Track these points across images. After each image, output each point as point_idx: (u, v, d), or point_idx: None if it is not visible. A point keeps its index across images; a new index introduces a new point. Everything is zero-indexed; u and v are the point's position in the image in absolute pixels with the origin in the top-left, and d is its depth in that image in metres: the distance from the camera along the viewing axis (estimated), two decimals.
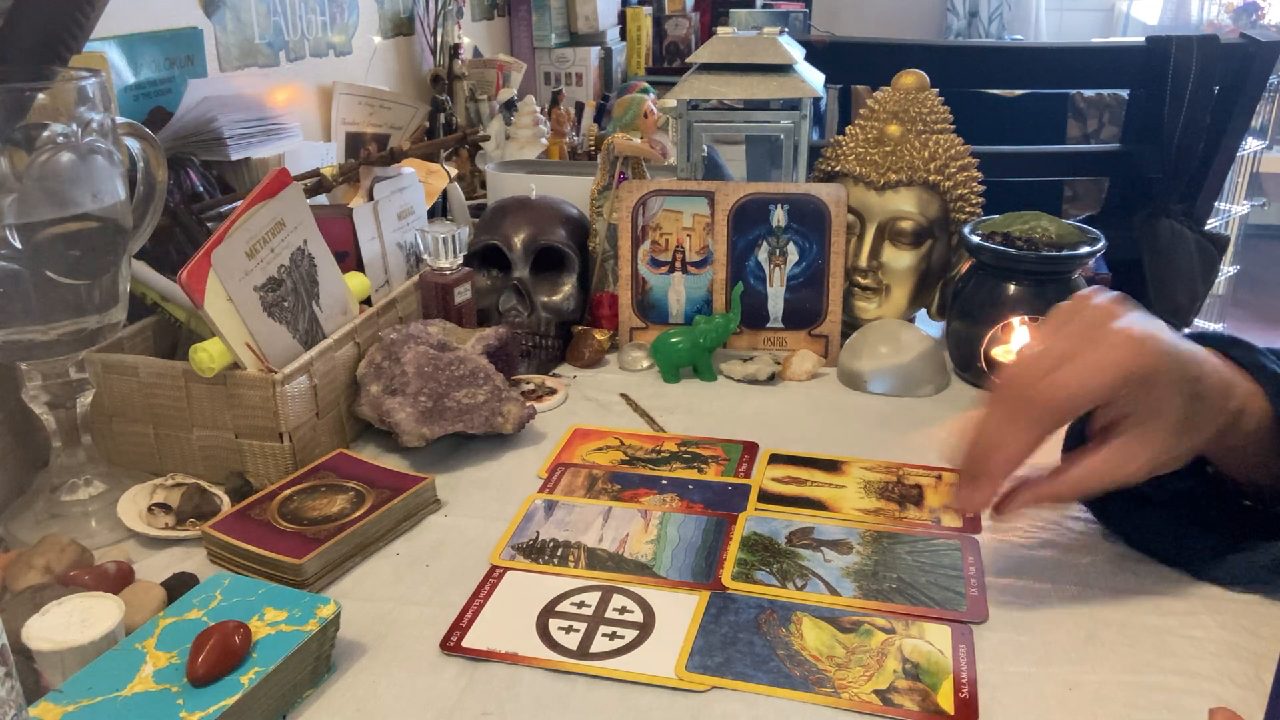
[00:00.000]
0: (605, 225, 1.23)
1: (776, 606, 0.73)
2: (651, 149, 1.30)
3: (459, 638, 0.71)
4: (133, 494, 0.86)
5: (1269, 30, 4.23)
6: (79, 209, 0.77)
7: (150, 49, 1.15)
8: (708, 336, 1.13)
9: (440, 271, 1.11)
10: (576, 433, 1.02)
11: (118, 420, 0.93)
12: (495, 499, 0.90)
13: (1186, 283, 1.84)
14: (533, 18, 2.36)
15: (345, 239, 1.11)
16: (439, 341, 0.99)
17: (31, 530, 0.84)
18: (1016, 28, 4.48)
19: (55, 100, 0.75)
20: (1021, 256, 1.05)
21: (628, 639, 0.70)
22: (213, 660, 0.60)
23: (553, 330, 1.18)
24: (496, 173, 1.45)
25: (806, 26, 3.08)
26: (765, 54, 1.17)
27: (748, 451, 0.97)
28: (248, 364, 0.89)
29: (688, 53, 2.71)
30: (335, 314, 1.00)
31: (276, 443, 0.89)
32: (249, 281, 0.90)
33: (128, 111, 1.09)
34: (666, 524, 0.84)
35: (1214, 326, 2.78)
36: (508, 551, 0.81)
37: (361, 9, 1.64)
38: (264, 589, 0.69)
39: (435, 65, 1.82)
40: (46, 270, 0.76)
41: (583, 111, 1.98)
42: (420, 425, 0.92)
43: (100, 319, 0.82)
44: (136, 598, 0.70)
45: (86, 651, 0.62)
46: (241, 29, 1.33)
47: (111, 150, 0.78)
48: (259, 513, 0.82)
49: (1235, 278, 2.83)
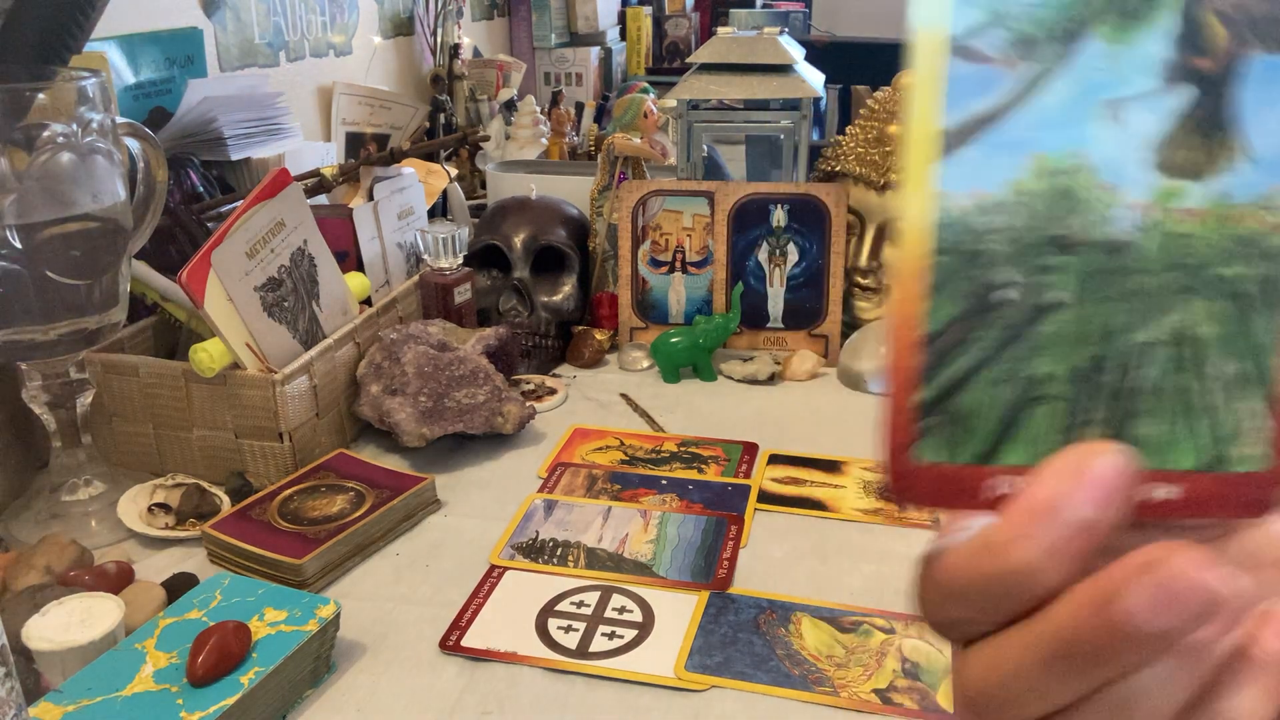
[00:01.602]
0: (605, 225, 1.23)
1: (776, 606, 0.73)
2: (651, 149, 1.30)
3: (459, 637, 0.71)
4: (133, 494, 0.86)
5: None
6: (79, 209, 0.77)
7: (150, 49, 1.15)
8: (708, 336, 1.13)
9: (440, 271, 1.11)
10: (576, 433, 1.02)
11: (118, 420, 0.93)
12: (495, 499, 0.90)
13: None
14: (533, 18, 2.36)
15: (345, 239, 1.11)
16: (439, 341, 0.99)
17: (31, 530, 0.84)
18: None
19: (55, 100, 0.75)
20: None
21: (627, 639, 0.71)
22: (213, 660, 0.60)
23: (553, 330, 1.18)
24: (496, 173, 1.45)
25: (806, 26, 3.08)
26: (765, 54, 1.17)
27: (748, 451, 0.97)
28: (248, 364, 0.89)
29: (688, 53, 2.71)
30: (335, 314, 1.00)
31: (276, 443, 0.89)
32: (249, 281, 0.90)
33: (128, 111, 1.09)
34: (666, 524, 0.84)
35: None
36: (507, 551, 0.81)
37: (361, 9, 1.64)
38: (264, 589, 0.69)
39: (435, 65, 1.82)
40: (46, 270, 0.76)
41: (583, 111, 1.98)
42: (420, 425, 0.92)
43: (100, 319, 0.82)
44: (136, 598, 0.70)
45: (86, 651, 0.63)
46: (241, 29, 1.33)
47: (111, 150, 0.78)
48: (259, 513, 0.82)
49: None
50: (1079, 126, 0.22)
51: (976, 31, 0.21)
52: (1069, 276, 0.22)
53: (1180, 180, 0.22)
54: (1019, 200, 0.22)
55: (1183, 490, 0.23)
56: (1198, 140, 0.22)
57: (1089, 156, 0.22)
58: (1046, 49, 0.21)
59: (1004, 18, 0.21)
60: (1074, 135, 0.22)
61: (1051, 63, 0.21)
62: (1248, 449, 0.23)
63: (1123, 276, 0.22)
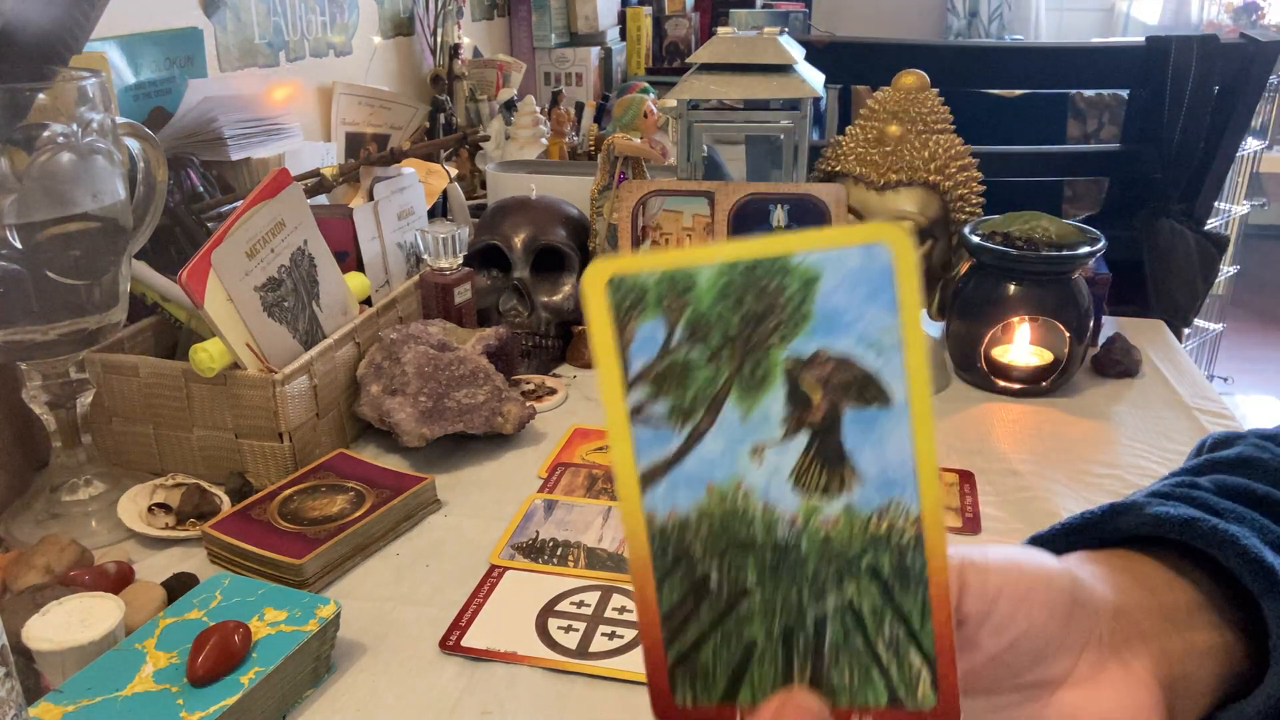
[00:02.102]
0: (605, 225, 1.23)
1: None
2: (651, 149, 1.30)
3: (458, 637, 0.71)
4: (133, 494, 0.86)
5: (1269, 30, 4.24)
6: (79, 209, 0.77)
7: (150, 49, 1.15)
8: None
9: (440, 271, 1.11)
10: (576, 432, 1.02)
11: (118, 420, 0.93)
12: (495, 499, 0.90)
13: (1186, 283, 1.84)
14: (533, 18, 2.35)
15: (345, 239, 1.11)
16: (439, 341, 0.99)
17: (31, 530, 0.84)
18: (1016, 28, 4.48)
19: (55, 100, 0.75)
20: (1022, 256, 1.05)
21: (627, 639, 0.70)
22: (213, 660, 0.60)
23: (553, 330, 1.18)
24: (496, 173, 1.45)
25: (806, 26, 3.08)
26: (765, 54, 1.17)
27: None
28: (248, 364, 0.88)
29: (688, 53, 2.71)
30: (335, 314, 1.00)
31: (276, 443, 0.89)
32: (249, 281, 0.90)
33: (128, 111, 1.09)
34: None
35: (1214, 326, 2.78)
36: (507, 551, 0.81)
37: (361, 9, 1.64)
38: (264, 589, 0.69)
39: (435, 65, 1.82)
40: (46, 270, 0.76)
41: (583, 111, 1.98)
42: (420, 425, 0.92)
43: (100, 319, 0.82)
44: (136, 598, 0.70)
45: (86, 651, 0.62)
46: (241, 29, 1.33)
47: (111, 150, 0.78)
48: (259, 513, 0.82)
49: (1235, 278, 2.82)
50: (734, 464, 0.29)
51: (646, 404, 0.29)
52: (753, 568, 0.30)
53: (816, 499, 0.29)
54: (704, 516, 0.29)
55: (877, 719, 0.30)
56: (822, 470, 0.29)
57: (746, 484, 0.29)
58: (698, 413, 0.29)
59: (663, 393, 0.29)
60: (732, 470, 0.29)
61: (704, 422, 0.29)
62: (920, 691, 0.29)
63: (792, 567, 0.29)
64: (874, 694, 0.29)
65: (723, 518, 0.29)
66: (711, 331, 0.28)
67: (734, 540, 0.29)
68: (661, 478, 0.29)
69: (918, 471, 0.28)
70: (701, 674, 0.30)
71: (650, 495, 0.29)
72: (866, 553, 0.29)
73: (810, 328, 0.28)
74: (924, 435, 0.28)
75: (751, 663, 0.30)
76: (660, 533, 0.30)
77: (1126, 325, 1.28)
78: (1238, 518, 0.39)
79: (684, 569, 0.30)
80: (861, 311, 0.27)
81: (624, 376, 0.29)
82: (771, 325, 0.28)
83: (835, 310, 0.28)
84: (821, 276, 0.28)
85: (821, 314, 0.28)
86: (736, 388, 0.29)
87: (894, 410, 0.28)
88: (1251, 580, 0.36)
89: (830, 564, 0.29)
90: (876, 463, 0.28)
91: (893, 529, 0.29)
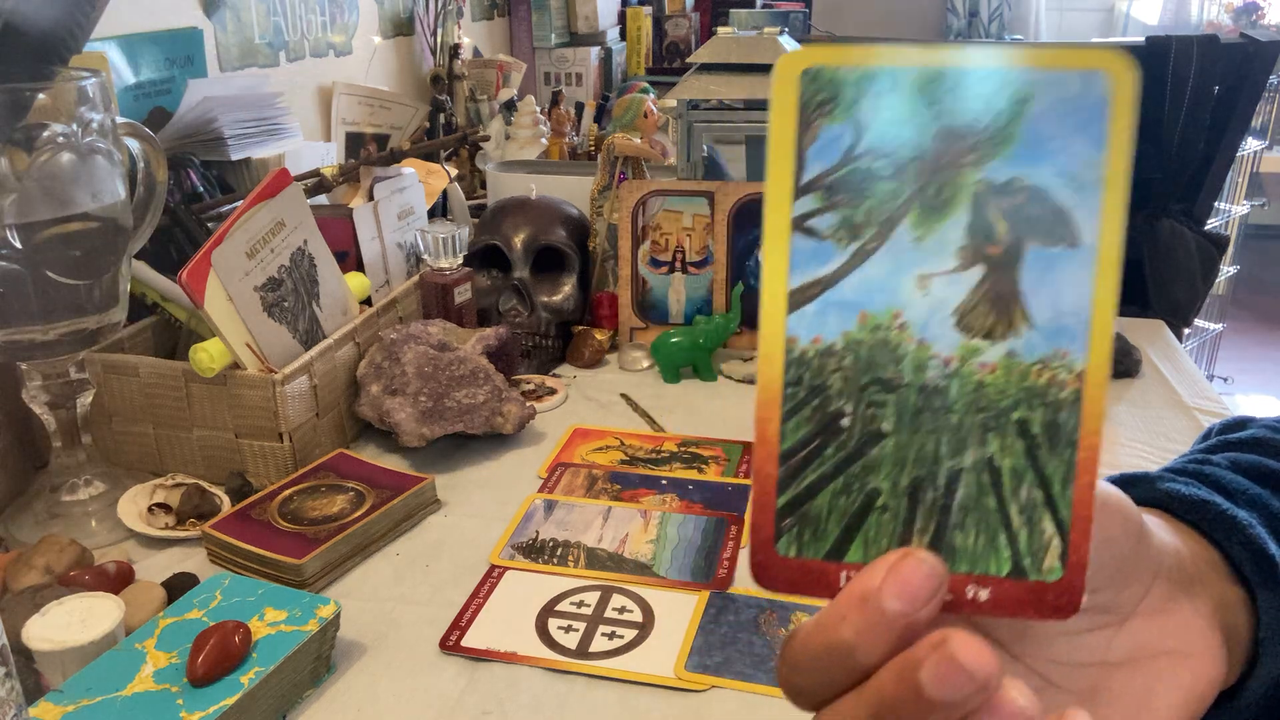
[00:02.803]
0: (605, 225, 1.23)
1: (776, 606, 0.73)
2: (651, 149, 1.30)
3: (459, 637, 0.71)
4: (133, 494, 0.86)
5: (1269, 30, 4.24)
6: (79, 209, 0.77)
7: (150, 49, 1.15)
8: (708, 336, 1.13)
9: (440, 271, 1.11)
10: (576, 433, 1.02)
11: (118, 420, 0.93)
12: (495, 499, 0.90)
13: (1186, 282, 1.84)
14: (533, 18, 2.35)
15: (345, 239, 1.11)
16: (439, 341, 0.99)
17: (31, 530, 0.84)
18: (1016, 28, 4.48)
19: (55, 100, 0.75)
20: None
21: (627, 639, 0.71)
22: (213, 660, 0.60)
23: (553, 330, 1.18)
24: (496, 173, 1.45)
25: (806, 26, 3.08)
26: (765, 54, 1.17)
27: (748, 451, 0.97)
28: (248, 364, 0.89)
29: (688, 53, 2.71)
30: (335, 314, 1.00)
31: (276, 443, 0.89)
32: (249, 281, 0.90)
33: (128, 111, 1.09)
34: (666, 524, 0.84)
35: (1214, 326, 2.78)
36: (507, 551, 0.81)
37: (361, 9, 1.64)
38: (264, 589, 0.69)
39: (435, 65, 1.82)
40: (46, 270, 0.76)
41: (583, 111, 1.98)
42: (420, 425, 0.92)
43: (100, 319, 0.82)
44: (136, 598, 0.70)
45: (86, 651, 0.62)
46: (241, 29, 1.33)
47: (111, 150, 0.78)
48: (259, 513, 0.82)
49: (1235, 278, 2.82)
50: (896, 293, 0.27)
51: (814, 215, 0.27)
52: (892, 411, 0.27)
53: (978, 340, 0.27)
54: (850, 347, 0.27)
55: (992, 593, 0.27)
56: (990, 309, 0.27)
57: (905, 316, 0.27)
58: (868, 231, 0.26)
59: (836, 205, 0.26)
60: (892, 299, 0.27)
61: (873, 242, 0.26)
62: (1046, 562, 0.27)
63: (935, 414, 0.27)
64: (996, 562, 0.27)
65: (871, 350, 0.27)
66: (903, 143, 0.26)
67: (878, 377, 0.27)
68: (813, 298, 0.27)
69: (1092, 323, 0.26)
70: (812, 523, 0.28)
71: (797, 316, 0.27)
72: (1019, 406, 0.27)
73: (1011, 152, 0.26)
74: (1106, 285, 0.26)
75: (870, 516, 0.27)
76: (799, 360, 0.27)
77: (1126, 325, 1.28)
78: (1249, 500, 0.39)
79: (817, 404, 0.27)
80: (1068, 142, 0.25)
81: (795, 180, 0.27)
82: (969, 144, 0.26)
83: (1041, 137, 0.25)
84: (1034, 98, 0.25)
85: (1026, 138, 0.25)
86: (917, 208, 0.26)
87: (1080, 253, 0.26)
88: (1251, 570, 0.36)
89: (978, 414, 0.27)
90: (1050, 308, 0.26)
91: (1053, 382, 0.26)
